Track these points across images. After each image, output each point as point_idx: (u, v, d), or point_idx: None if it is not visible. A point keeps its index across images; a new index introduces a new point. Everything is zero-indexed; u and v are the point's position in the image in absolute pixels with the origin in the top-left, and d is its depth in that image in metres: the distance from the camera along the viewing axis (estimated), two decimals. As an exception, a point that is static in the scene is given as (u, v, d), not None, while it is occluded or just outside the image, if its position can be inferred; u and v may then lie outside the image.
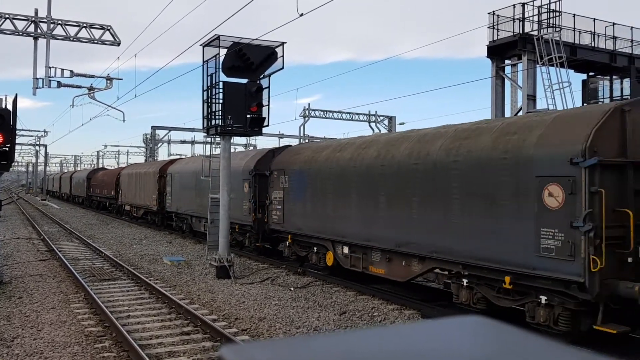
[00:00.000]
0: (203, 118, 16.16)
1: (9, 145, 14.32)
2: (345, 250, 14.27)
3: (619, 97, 25.21)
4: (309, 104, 46.70)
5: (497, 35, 23.24)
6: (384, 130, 44.28)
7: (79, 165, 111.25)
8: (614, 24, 24.89)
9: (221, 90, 15.61)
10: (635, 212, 8.39)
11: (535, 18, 22.53)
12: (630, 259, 8.35)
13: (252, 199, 18.79)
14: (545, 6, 22.42)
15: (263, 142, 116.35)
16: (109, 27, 21.20)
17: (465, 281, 10.67)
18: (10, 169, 15.67)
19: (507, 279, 9.48)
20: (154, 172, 30.20)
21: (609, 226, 8.25)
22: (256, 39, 15.61)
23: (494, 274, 9.89)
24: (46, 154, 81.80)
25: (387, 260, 12.75)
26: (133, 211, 34.92)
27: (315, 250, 15.79)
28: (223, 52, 15.69)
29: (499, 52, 23.50)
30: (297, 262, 16.99)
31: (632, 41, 25.13)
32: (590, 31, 24.25)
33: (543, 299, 9.06)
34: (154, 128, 53.02)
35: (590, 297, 8.28)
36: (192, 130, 53.07)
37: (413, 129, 13.79)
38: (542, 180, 8.88)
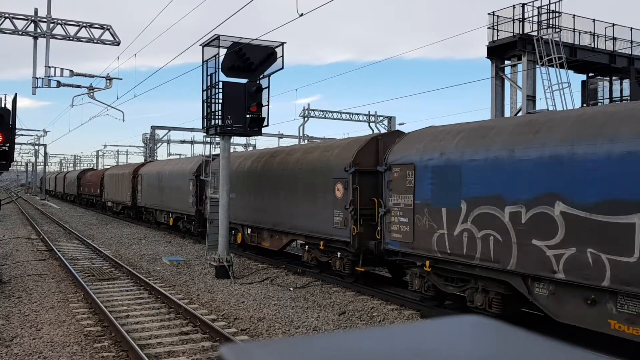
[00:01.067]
0: (203, 118, 16.15)
1: (8, 145, 14.32)
2: (249, 231, 19.35)
3: (618, 98, 25.23)
4: (308, 104, 46.71)
5: (497, 35, 23.24)
6: (383, 130, 44.31)
7: (78, 165, 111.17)
8: (613, 24, 24.90)
9: (221, 90, 15.60)
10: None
11: (535, 19, 22.54)
12: (378, 228, 12.97)
13: (194, 195, 23.92)
14: (545, 7, 22.43)
15: (263, 142, 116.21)
16: (108, 27, 21.18)
17: (307, 247, 16.08)
18: (10, 168, 15.67)
19: (322, 243, 15.00)
20: (128, 173, 35.29)
21: (363, 208, 13.57)
22: (256, 39, 15.60)
23: (317, 240, 15.24)
24: (45, 153, 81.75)
25: (270, 237, 17.93)
26: (114, 206, 40.53)
27: (233, 233, 19.87)
28: (223, 52, 15.69)
29: (498, 52, 23.50)
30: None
31: (631, 42, 25.13)
32: (590, 32, 24.25)
33: (338, 254, 14.54)
34: (153, 128, 52.94)
35: (354, 250, 13.71)
36: (192, 130, 52.97)
37: (291, 145, 20.48)
38: (335, 180, 14.31)
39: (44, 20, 20.20)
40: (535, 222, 8.97)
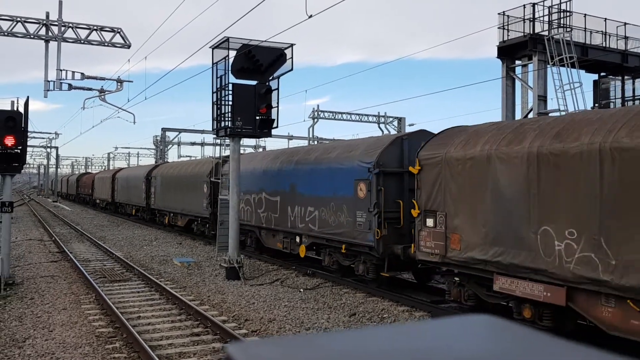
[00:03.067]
0: (213, 120, 16.20)
1: (20, 147, 14.44)
2: (171, 215, 29.44)
3: (630, 98, 25.02)
4: (318, 106, 46.59)
5: (508, 35, 23.12)
6: (393, 132, 44.19)
7: (90, 167, 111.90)
8: (625, 23, 24.69)
9: (230, 92, 15.64)
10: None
11: (546, 18, 22.40)
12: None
13: (145, 192, 34.13)
14: (556, 6, 22.29)
15: (272, 144, 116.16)
16: (119, 30, 21.31)
17: (195, 223, 26.08)
18: (22, 170, 15.79)
19: (199, 219, 25.21)
20: (109, 177, 46.70)
21: (215, 198, 21.64)
22: (265, 41, 15.62)
23: (197, 218, 25.59)
24: (57, 155, 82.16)
25: (180, 218, 27.89)
26: (101, 203, 51.49)
27: (166, 217, 30.46)
28: (232, 54, 15.72)
29: (509, 52, 23.37)
30: (163, 224, 31.58)
31: (644, 41, 24.88)
32: (602, 31, 24.05)
33: (207, 225, 23.83)
34: (164, 130, 53.13)
35: (210, 222, 23.58)
36: (202, 132, 53.01)
37: (187, 160, 37.66)
38: (202, 182, 24.22)
39: (55, 23, 20.35)
40: (258, 202, 18.78)
